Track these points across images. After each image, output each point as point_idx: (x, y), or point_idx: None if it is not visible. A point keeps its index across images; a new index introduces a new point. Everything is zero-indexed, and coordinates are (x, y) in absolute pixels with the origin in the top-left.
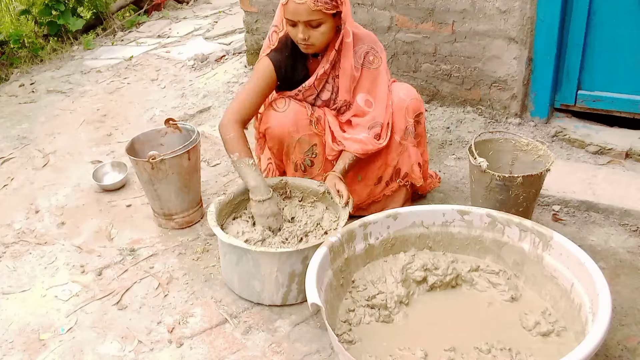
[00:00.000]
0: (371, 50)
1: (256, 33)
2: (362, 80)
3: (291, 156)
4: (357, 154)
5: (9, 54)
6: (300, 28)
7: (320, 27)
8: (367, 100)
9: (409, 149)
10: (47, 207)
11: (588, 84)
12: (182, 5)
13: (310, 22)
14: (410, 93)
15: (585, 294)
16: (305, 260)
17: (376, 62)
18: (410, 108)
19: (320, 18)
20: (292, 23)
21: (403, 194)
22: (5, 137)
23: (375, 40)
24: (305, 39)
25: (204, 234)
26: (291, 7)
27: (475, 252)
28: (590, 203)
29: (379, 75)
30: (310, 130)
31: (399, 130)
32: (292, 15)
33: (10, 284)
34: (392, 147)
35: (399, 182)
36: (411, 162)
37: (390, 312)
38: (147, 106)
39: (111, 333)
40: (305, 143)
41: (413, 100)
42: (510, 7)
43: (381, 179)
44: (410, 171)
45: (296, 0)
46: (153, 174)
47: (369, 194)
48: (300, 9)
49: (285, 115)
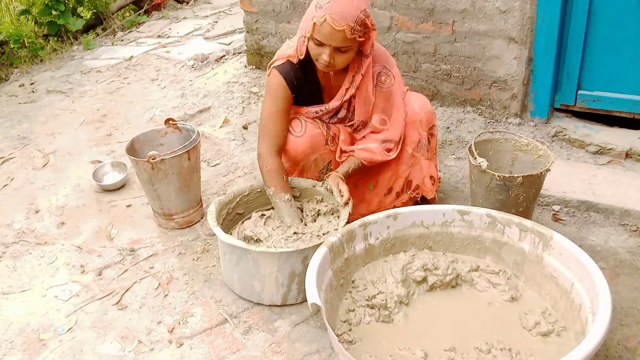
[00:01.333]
0: (383, 70)
1: (256, 33)
2: (376, 101)
3: (306, 174)
4: (364, 161)
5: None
6: (328, 51)
7: (347, 53)
8: (382, 119)
9: (421, 161)
10: (47, 207)
11: (588, 84)
12: (182, 5)
13: (340, 48)
14: (425, 106)
15: (585, 294)
16: (305, 260)
17: (388, 81)
18: (424, 121)
19: (351, 45)
20: (319, 43)
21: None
22: (5, 137)
23: (387, 57)
24: (330, 62)
25: (204, 234)
26: (326, 30)
27: (475, 252)
28: (590, 203)
29: (392, 94)
30: (326, 149)
31: (412, 142)
32: (324, 38)
33: (10, 284)
34: (403, 159)
35: (409, 194)
36: (423, 174)
37: (390, 312)
38: (147, 106)
39: (111, 333)
40: (320, 161)
41: (427, 113)
42: (510, 7)
43: (391, 190)
44: (421, 183)
45: (335, 26)
46: (153, 174)
47: (378, 204)
48: (335, 35)
49: (303, 139)
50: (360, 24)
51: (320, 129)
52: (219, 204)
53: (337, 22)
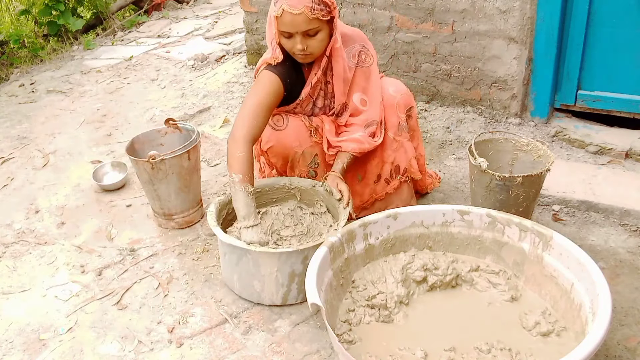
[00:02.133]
0: (363, 49)
1: (256, 33)
2: (356, 79)
3: (295, 170)
4: (354, 152)
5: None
6: (298, 39)
7: (318, 35)
8: (362, 99)
9: (404, 144)
10: (47, 207)
11: (588, 84)
12: (182, 5)
13: (308, 32)
14: (400, 89)
15: (585, 294)
16: (305, 260)
17: (368, 60)
18: (401, 104)
19: (317, 26)
20: (288, 35)
21: (405, 190)
22: (5, 137)
23: (365, 38)
24: (303, 49)
25: (204, 234)
26: (287, 18)
27: (475, 252)
28: (590, 203)
29: (371, 73)
30: (312, 142)
31: (392, 126)
32: (289, 27)
33: (10, 284)
34: (387, 144)
35: (399, 178)
36: (408, 157)
37: (390, 312)
38: (147, 106)
39: (111, 333)
40: (307, 155)
41: (403, 95)
42: (510, 7)
43: (380, 177)
44: (408, 166)
45: (292, 11)
46: (153, 174)
47: (370, 193)
48: (297, 19)
49: (286, 132)
50: (318, 2)
51: (302, 120)
52: (219, 204)
53: (294, 7)
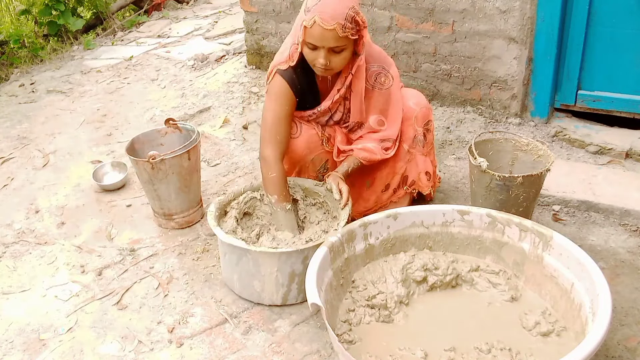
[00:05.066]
0: (382, 71)
1: (256, 33)
2: (373, 101)
3: (304, 174)
4: (364, 160)
5: (9, 54)
6: (323, 53)
7: (342, 53)
8: (379, 120)
9: (417, 157)
10: (47, 207)
11: (588, 84)
12: (182, 5)
13: (334, 48)
14: (420, 102)
15: (585, 294)
16: (305, 260)
17: (387, 82)
18: (419, 117)
19: (345, 44)
20: (313, 47)
21: (407, 199)
22: (5, 137)
23: (385, 58)
24: (326, 64)
25: (204, 234)
26: (317, 32)
27: (475, 252)
28: (590, 203)
29: (390, 95)
30: (322, 149)
31: (408, 139)
32: (316, 41)
33: (10, 284)
34: (400, 156)
35: (406, 189)
36: (419, 170)
37: (390, 312)
38: (147, 106)
39: (111, 333)
40: (317, 161)
41: (422, 109)
42: (510, 7)
43: (389, 187)
44: (417, 179)
45: (325, 25)
46: (153, 174)
47: (376, 200)
48: (327, 35)
49: (299, 141)
50: (350, 21)
51: (315, 129)
52: (219, 204)
53: (326, 22)
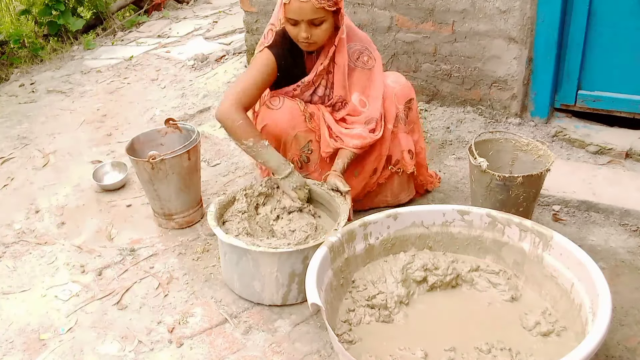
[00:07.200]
0: (365, 51)
1: (256, 33)
2: (356, 79)
3: (288, 153)
4: (356, 148)
5: (9, 54)
6: (303, 27)
7: (322, 25)
8: (361, 100)
9: (399, 135)
10: (47, 207)
11: (588, 84)
12: (182, 5)
13: (313, 21)
14: (399, 80)
15: (585, 294)
16: (305, 260)
17: (370, 62)
18: (399, 95)
19: (323, 16)
20: (294, 22)
21: (396, 181)
22: (5, 137)
23: (370, 42)
24: (307, 37)
25: (204, 234)
26: (294, 6)
27: (475, 252)
28: (590, 203)
29: (372, 75)
30: (306, 127)
31: (391, 118)
32: (295, 15)
33: (10, 284)
34: (386, 137)
35: (390, 168)
36: (401, 148)
37: (390, 312)
38: (147, 106)
39: (111, 333)
40: (301, 139)
41: (403, 86)
42: (510, 7)
43: (376, 170)
44: (400, 158)
45: None
46: (153, 174)
47: (364, 186)
48: (304, 7)
49: (281, 112)
50: None
51: (298, 104)
52: (219, 204)
53: None
